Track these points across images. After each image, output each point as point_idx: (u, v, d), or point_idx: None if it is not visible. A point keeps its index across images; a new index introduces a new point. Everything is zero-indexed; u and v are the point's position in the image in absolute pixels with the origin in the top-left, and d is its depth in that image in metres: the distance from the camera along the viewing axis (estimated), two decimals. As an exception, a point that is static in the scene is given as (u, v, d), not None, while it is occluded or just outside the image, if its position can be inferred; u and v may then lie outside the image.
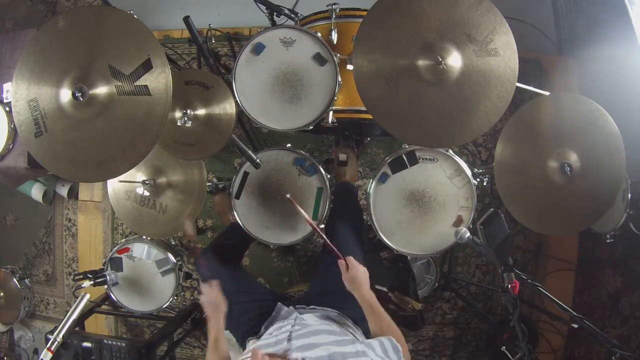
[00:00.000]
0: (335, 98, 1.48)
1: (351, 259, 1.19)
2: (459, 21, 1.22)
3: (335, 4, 1.53)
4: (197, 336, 2.40)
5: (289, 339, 0.98)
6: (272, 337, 1.05)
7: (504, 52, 1.21)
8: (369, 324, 1.15)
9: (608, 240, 1.71)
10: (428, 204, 1.51)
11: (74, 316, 1.59)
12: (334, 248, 1.20)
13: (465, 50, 1.22)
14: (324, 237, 1.22)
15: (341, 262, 1.19)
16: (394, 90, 1.25)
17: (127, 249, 1.82)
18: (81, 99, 1.10)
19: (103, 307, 2.19)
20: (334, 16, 1.53)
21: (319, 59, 1.46)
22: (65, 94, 1.12)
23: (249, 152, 1.51)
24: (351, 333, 1.16)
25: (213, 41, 2.30)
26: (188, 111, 1.39)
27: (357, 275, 1.17)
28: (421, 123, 1.28)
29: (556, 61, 2.31)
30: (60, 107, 1.13)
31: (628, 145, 1.35)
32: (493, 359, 2.13)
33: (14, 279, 2.52)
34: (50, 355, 1.51)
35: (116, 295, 1.85)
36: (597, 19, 2.12)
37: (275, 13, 1.77)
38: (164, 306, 1.84)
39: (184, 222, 1.54)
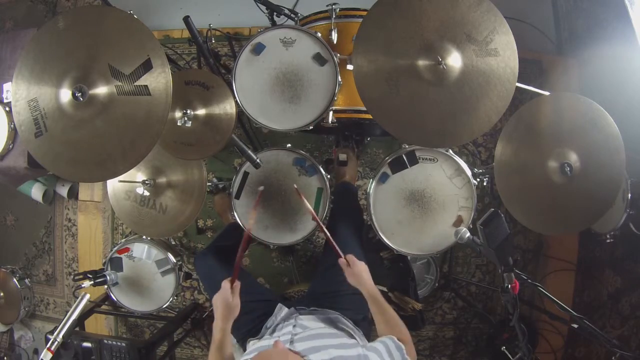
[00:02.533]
0: (335, 98, 1.48)
1: (352, 257, 1.21)
2: (459, 21, 1.22)
3: (335, 4, 1.53)
4: (197, 336, 2.40)
5: (291, 342, 0.98)
6: (273, 339, 1.05)
7: (504, 52, 1.22)
8: (374, 319, 1.16)
9: (608, 240, 1.71)
10: (428, 204, 1.51)
11: (74, 316, 1.59)
12: (336, 246, 1.21)
13: (465, 50, 1.23)
14: (327, 233, 1.23)
15: (342, 260, 1.20)
16: (394, 90, 1.25)
17: (127, 249, 1.81)
18: (81, 99, 1.10)
19: (103, 307, 2.19)
20: (334, 16, 1.53)
21: (319, 59, 1.46)
22: (65, 94, 1.12)
23: (249, 152, 1.51)
24: (352, 335, 1.16)
25: (213, 41, 2.30)
26: (188, 111, 1.39)
27: (360, 271, 1.19)
28: (421, 123, 1.28)
29: (556, 61, 2.31)
30: (60, 107, 1.13)
31: (628, 145, 1.35)
32: (493, 359, 2.13)
33: (14, 279, 2.51)
34: (50, 355, 1.50)
35: (116, 295, 1.85)
36: (597, 19, 2.12)
37: (275, 13, 1.77)
38: (164, 306, 1.84)
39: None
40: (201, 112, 1.43)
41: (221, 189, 2.03)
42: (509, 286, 1.16)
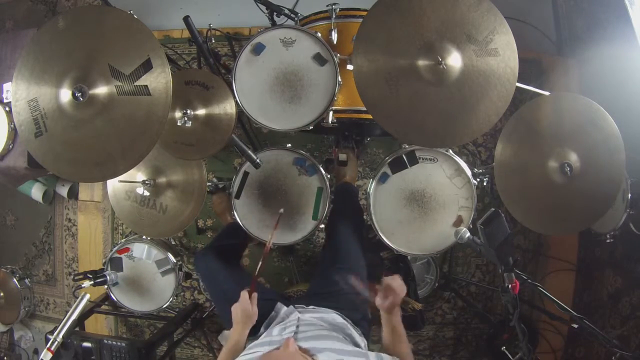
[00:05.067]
0: (335, 98, 1.47)
1: (398, 279, 1.13)
2: (459, 21, 1.22)
3: (335, 4, 1.53)
4: (197, 336, 2.40)
5: (295, 340, 0.98)
6: (277, 337, 1.05)
7: (504, 52, 1.21)
8: (384, 333, 1.14)
9: (608, 240, 1.71)
10: (428, 204, 1.51)
11: (74, 316, 1.59)
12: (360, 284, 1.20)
13: (465, 50, 1.22)
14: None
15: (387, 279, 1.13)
16: (394, 90, 1.25)
17: (127, 249, 1.81)
18: (81, 99, 1.10)
19: (103, 307, 2.19)
20: (334, 16, 1.53)
21: (319, 59, 1.46)
22: (65, 94, 1.12)
23: (249, 152, 1.51)
24: (351, 335, 1.16)
25: (213, 41, 2.30)
26: (188, 111, 1.39)
27: (396, 301, 1.12)
28: (421, 123, 1.28)
29: (556, 61, 2.31)
30: (60, 107, 1.13)
31: (628, 145, 1.35)
32: (493, 359, 2.13)
33: (14, 279, 2.52)
34: (50, 355, 1.50)
35: (116, 295, 1.85)
36: (597, 19, 2.12)
37: (275, 13, 1.77)
38: (164, 306, 1.84)
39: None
40: (201, 112, 1.43)
41: (221, 189, 2.03)
42: (509, 286, 1.16)
